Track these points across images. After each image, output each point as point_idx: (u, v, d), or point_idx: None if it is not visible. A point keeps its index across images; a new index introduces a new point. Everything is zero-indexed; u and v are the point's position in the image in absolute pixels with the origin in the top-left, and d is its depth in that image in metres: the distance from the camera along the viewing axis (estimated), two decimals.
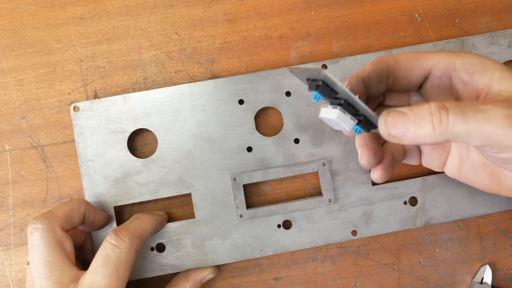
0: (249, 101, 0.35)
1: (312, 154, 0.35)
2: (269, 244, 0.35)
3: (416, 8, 0.38)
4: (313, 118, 0.35)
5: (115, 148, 0.35)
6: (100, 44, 0.37)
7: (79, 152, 0.35)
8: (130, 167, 0.35)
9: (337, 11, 0.38)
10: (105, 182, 0.35)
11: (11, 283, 0.36)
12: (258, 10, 0.38)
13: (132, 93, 0.35)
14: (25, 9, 0.38)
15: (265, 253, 0.35)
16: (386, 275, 0.37)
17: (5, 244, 0.36)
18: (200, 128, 0.35)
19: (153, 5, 0.38)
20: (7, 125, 0.37)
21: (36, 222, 0.29)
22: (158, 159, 0.35)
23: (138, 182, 0.35)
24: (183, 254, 0.35)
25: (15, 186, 0.37)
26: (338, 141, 0.35)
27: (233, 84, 0.35)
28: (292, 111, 0.35)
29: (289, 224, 0.35)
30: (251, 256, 0.35)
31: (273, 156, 0.35)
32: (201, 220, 0.35)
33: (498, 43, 0.36)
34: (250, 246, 0.35)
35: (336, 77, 0.25)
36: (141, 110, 0.35)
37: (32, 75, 0.37)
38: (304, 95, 0.35)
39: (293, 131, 0.35)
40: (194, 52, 0.37)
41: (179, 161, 0.35)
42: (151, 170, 0.35)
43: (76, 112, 0.35)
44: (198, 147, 0.35)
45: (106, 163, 0.35)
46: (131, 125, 0.35)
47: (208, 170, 0.35)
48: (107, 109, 0.35)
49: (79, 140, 0.35)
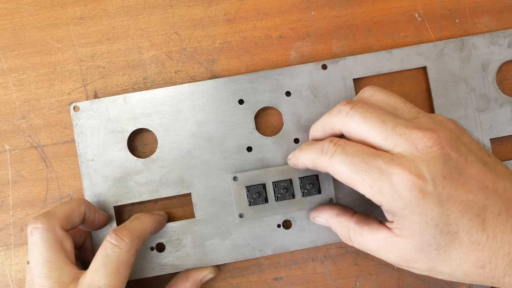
0: (249, 101, 0.35)
1: None
2: (269, 244, 0.35)
3: (416, 8, 0.38)
4: (313, 118, 0.35)
5: (115, 148, 0.35)
6: (100, 44, 0.37)
7: (79, 152, 0.35)
8: (130, 167, 0.35)
9: (337, 11, 0.38)
10: (105, 182, 0.35)
11: (11, 283, 0.36)
12: (258, 10, 0.38)
13: (132, 93, 0.35)
14: (25, 9, 0.38)
15: (265, 253, 0.35)
16: (386, 275, 0.37)
17: (5, 244, 0.36)
18: (200, 128, 0.35)
19: (153, 5, 0.38)
20: (7, 125, 0.37)
21: (36, 222, 0.29)
22: (158, 159, 0.35)
23: (138, 182, 0.35)
24: (183, 254, 0.35)
25: (15, 186, 0.37)
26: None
27: (233, 84, 0.35)
28: (292, 111, 0.36)
29: (289, 224, 0.35)
30: (251, 256, 0.35)
31: (273, 156, 0.35)
32: (201, 220, 0.35)
33: (498, 43, 0.36)
34: (250, 246, 0.35)
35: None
36: (141, 110, 0.35)
37: (32, 75, 0.37)
38: (304, 95, 0.36)
39: (293, 131, 0.35)
40: (194, 52, 0.37)
41: (179, 161, 0.35)
42: (151, 170, 0.35)
43: (76, 112, 0.35)
44: (198, 147, 0.35)
45: (106, 163, 0.35)
46: (131, 125, 0.35)
47: (208, 170, 0.35)
48: (107, 109, 0.35)
49: (79, 140, 0.35)
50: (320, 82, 0.36)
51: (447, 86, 0.36)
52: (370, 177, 0.26)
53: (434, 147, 0.26)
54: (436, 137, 0.26)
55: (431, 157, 0.26)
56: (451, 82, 0.36)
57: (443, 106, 0.36)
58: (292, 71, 0.36)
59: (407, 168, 0.26)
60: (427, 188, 0.25)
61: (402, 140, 0.26)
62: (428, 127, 0.27)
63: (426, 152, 0.26)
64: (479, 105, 0.36)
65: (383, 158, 0.26)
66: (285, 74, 0.36)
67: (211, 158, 0.35)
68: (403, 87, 0.37)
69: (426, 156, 0.26)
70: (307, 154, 0.31)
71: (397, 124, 0.27)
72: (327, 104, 0.35)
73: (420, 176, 0.25)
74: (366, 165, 0.27)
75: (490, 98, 0.36)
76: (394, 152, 0.27)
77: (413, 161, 0.26)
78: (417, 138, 0.26)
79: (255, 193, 0.34)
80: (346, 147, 0.28)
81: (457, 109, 0.36)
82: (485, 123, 0.36)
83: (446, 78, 0.36)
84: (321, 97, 0.35)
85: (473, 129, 0.36)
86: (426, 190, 0.25)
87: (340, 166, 0.28)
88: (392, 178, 0.26)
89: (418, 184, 0.25)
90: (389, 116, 0.28)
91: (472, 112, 0.36)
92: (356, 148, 0.28)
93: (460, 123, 0.36)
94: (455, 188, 0.26)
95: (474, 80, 0.36)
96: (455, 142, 0.26)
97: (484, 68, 0.36)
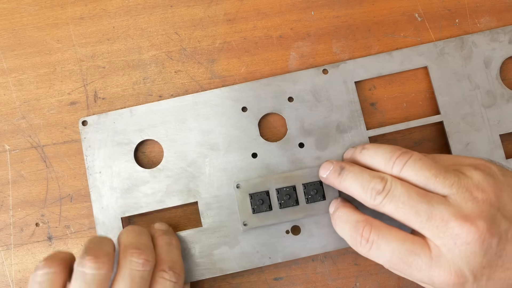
0: (252, 108, 0.36)
1: (318, 157, 0.35)
2: (278, 251, 0.34)
3: (416, 8, 0.38)
4: (317, 122, 0.35)
5: (122, 159, 0.35)
6: (100, 44, 0.37)
7: (87, 165, 0.35)
8: (136, 177, 0.35)
9: (337, 11, 0.38)
10: (113, 194, 0.35)
11: (11, 283, 0.36)
12: (258, 10, 0.38)
13: (138, 106, 0.36)
14: (25, 9, 0.38)
15: (275, 260, 0.34)
16: (386, 275, 0.37)
17: (5, 244, 0.36)
18: (204, 137, 0.35)
19: (153, 5, 0.38)
20: (7, 125, 0.37)
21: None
22: (164, 169, 0.35)
23: (144, 192, 0.35)
24: (191, 264, 0.34)
25: (15, 186, 0.37)
26: (343, 144, 0.35)
27: (235, 92, 0.36)
28: (295, 116, 0.35)
29: (298, 230, 0.35)
30: (260, 264, 0.34)
31: (278, 162, 0.35)
32: (208, 229, 0.35)
33: (498, 39, 0.36)
34: (258, 254, 0.34)
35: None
36: (147, 122, 0.36)
37: (32, 75, 0.37)
38: (307, 100, 0.36)
39: (297, 136, 0.35)
40: (194, 52, 0.37)
41: (185, 170, 0.35)
42: (157, 179, 0.35)
43: (84, 127, 0.35)
44: (203, 156, 0.35)
45: (114, 175, 0.35)
46: (137, 136, 0.35)
47: (213, 178, 0.35)
48: (114, 122, 0.36)
49: (87, 153, 0.35)
50: (322, 87, 0.36)
51: (450, 84, 0.36)
52: (411, 276, 0.27)
53: (473, 243, 0.25)
54: (475, 231, 0.25)
55: (470, 252, 0.26)
56: (454, 80, 0.36)
57: (448, 104, 0.35)
58: (293, 77, 0.36)
59: (447, 270, 0.26)
60: (467, 283, 0.26)
61: (440, 234, 0.26)
62: (465, 214, 0.26)
63: (465, 249, 0.26)
64: (485, 101, 0.35)
65: (422, 258, 0.27)
66: (286, 81, 0.36)
67: (216, 166, 0.35)
68: (403, 87, 0.37)
69: (465, 253, 0.26)
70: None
71: (432, 215, 0.27)
72: (330, 107, 0.35)
73: (460, 276, 0.26)
74: (405, 265, 0.27)
75: (496, 94, 0.35)
76: (431, 246, 0.27)
77: (453, 261, 0.26)
78: (454, 233, 0.26)
79: (259, 200, 0.34)
80: (381, 241, 0.28)
81: (462, 107, 0.35)
82: (493, 119, 0.35)
83: (448, 76, 0.36)
84: (323, 101, 0.35)
85: (481, 125, 0.35)
86: (466, 285, 0.26)
87: (381, 257, 0.28)
88: (434, 280, 0.26)
89: (459, 282, 0.26)
90: (422, 204, 0.27)
91: (478, 109, 0.35)
92: (394, 243, 0.28)
93: (467, 120, 0.35)
94: (494, 270, 0.26)
95: (478, 77, 0.36)
96: (495, 224, 0.26)
97: (487, 65, 0.36)
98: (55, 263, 0.28)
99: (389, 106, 0.37)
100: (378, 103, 0.37)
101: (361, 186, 0.29)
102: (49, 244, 0.36)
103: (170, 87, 0.37)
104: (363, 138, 0.35)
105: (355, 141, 0.35)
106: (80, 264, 0.27)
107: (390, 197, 0.28)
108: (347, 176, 0.31)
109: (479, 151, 0.35)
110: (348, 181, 0.31)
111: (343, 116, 0.35)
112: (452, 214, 0.26)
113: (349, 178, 0.31)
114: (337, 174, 0.31)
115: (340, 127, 0.35)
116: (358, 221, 0.30)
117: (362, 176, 0.30)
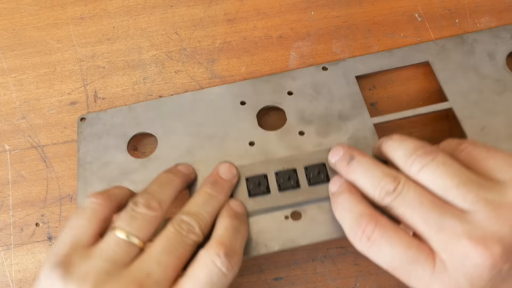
0: (251, 102, 0.35)
1: (319, 143, 0.33)
2: (275, 238, 0.30)
3: (416, 8, 0.38)
4: (318, 112, 0.34)
5: (115, 150, 0.35)
6: (100, 44, 0.37)
7: (78, 157, 0.35)
8: (127, 167, 0.35)
9: (337, 11, 0.38)
10: (100, 183, 0.34)
11: (11, 283, 0.36)
12: (258, 10, 0.38)
13: (137, 103, 0.36)
14: (25, 9, 0.38)
15: (271, 248, 0.31)
16: (386, 275, 0.37)
17: (5, 244, 0.36)
18: (200, 128, 0.35)
19: (153, 5, 0.38)
20: (7, 125, 0.37)
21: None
22: (157, 159, 0.35)
23: (134, 180, 0.34)
24: None
25: (15, 186, 0.37)
26: (345, 131, 0.34)
27: (234, 88, 0.36)
28: (295, 108, 0.35)
29: (298, 215, 0.31)
30: (254, 253, 0.31)
31: (277, 149, 0.33)
32: None
33: (499, 36, 0.36)
34: (253, 242, 0.31)
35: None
36: (144, 116, 0.35)
37: (32, 75, 0.37)
38: (307, 93, 0.35)
39: (297, 125, 0.34)
40: (194, 52, 0.37)
41: (179, 159, 0.35)
42: (149, 168, 0.35)
43: (81, 123, 0.36)
44: (199, 145, 0.35)
45: (104, 165, 0.35)
46: (133, 129, 0.35)
47: (209, 166, 0.35)
48: (111, 117, 0.36)
49: (81, 145, 0.35)
50: (322, 82, 0.35)
51: (456, 75, 0.34)
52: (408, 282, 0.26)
53: (482, 267, 0.23)
54: (488, 256, 0.23)
55: (477, 275, 0.23)
56: (459, 71, 0.34)
57: (456, 92, 0.34)
58: (293, 74, 0.36)
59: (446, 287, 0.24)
60: None
61: (448, 248, 0.24)
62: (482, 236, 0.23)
63: (472, 271, 0.23)
64: (496, 89, 0.34)
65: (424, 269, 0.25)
66: (286, 77, 0.36)
67: (212, 155, 0.35)
68: (403, 87, 0.37)
69: (471, 274, 0.23)
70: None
71: (442, 227, 0.24)
72: (331, 99, 0.35)
73: None
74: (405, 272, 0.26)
75: (506, 82, 0.34)
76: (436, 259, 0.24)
77: (455, 280, 0.23)
78: (465, 252, 0.23)
79: (255, 182, 0.31)
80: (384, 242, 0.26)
81: (472, 94, 0.34)
82: (509, 103, 0.33)
83: (453, 67, 0.35)
84: (324, 93, 0.35)
85: (496, 109, 0.33)
86: None
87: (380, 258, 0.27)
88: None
89: None
90: (433, 214, 0.25)
91: (489, 96, 0.33)
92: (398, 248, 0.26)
93: (480, 106, 0.33)
94: None
95: (484, 68, 0.34)
96: (509, 252, 0.23)
97: (491, 58, 0.35)
98: (103, 196, 0.29)
99: (389, 106, 0.37)
100: (378, 103, 0.37)
101: (371, 183, 0.27)
102: (49, 244, 0.36)
103: (170, 87, 0.37)
104: (367, 126, 0.34)
105: (359, 128, 0.34)
106: (133, 201, 0.28)
107: (399, 201, 0.26)
108: (356, 167, 0.28)
109: (497, 134, 0.33)
110: (357, 174, 0.28)
111: (345, 106, 0.34)
112: (466, 232, 0.23)
113: (359, 171, 0.28)
114: (346, 163, 0.29)
115: (342, 116, 0.34)
116: (362, 215, 0.26)
117: (373, 172, 0.27)
